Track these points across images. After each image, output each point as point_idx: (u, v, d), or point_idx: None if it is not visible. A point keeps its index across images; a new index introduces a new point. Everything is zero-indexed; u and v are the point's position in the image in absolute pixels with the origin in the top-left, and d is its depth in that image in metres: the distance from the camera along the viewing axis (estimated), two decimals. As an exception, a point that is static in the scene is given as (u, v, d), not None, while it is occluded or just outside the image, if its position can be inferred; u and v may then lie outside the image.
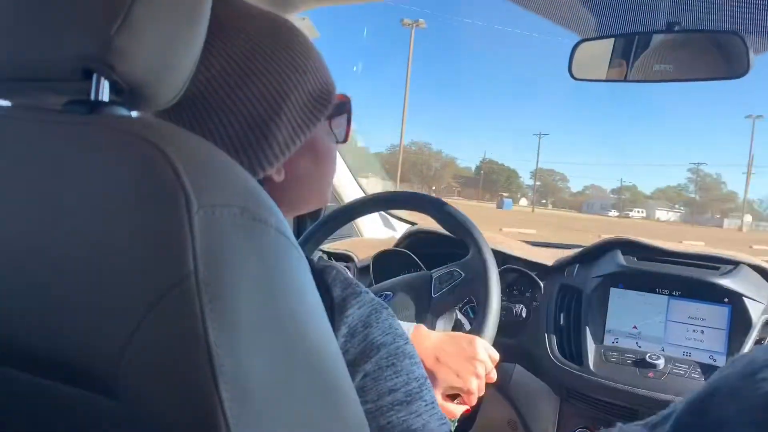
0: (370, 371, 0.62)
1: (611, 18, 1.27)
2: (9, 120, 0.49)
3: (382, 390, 0.61)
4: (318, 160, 0.72)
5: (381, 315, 0.64)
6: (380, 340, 0.62)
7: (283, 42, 0.66)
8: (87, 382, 0.42)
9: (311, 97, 0.68)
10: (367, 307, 0.63)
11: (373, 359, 0.62)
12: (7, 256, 0.44)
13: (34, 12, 0.48)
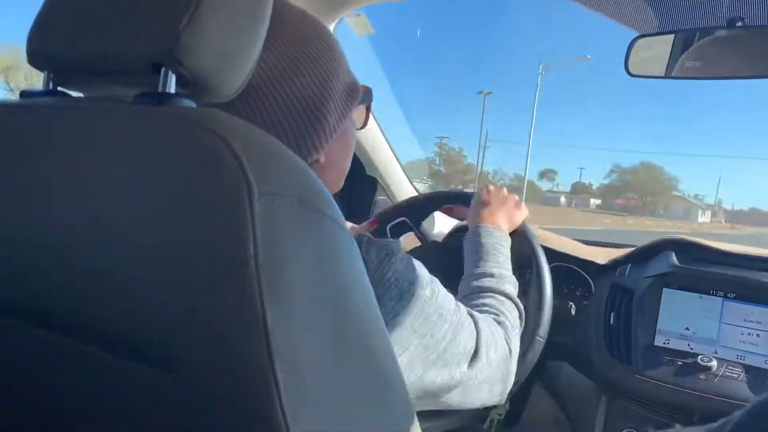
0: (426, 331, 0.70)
1: (670, 13, 1.25)
2: (82, 111, 0.52)
3: (439, 339, 0.71)
4: (347, 145, 0.79)
5: (416, 268, 0.70)
6: (423, 294, 0.69)
7: (323, 36, 0.71)
8: (146, 356, 0.44)
9: (347, 86, 0.74)
10: (403, 264, 0.68)
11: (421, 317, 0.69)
12: (77, 236, 0.47)
13: (107, 9, 0.51)
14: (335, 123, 0.71)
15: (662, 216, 58.65)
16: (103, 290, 0.45)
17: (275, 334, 0.39)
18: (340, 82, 0.72)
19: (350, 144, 0.79)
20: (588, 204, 62.48)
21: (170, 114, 0.46)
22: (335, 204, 0.47)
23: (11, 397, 0.56)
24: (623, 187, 72.18)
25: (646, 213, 61.49)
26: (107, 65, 0.51)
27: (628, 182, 72.43)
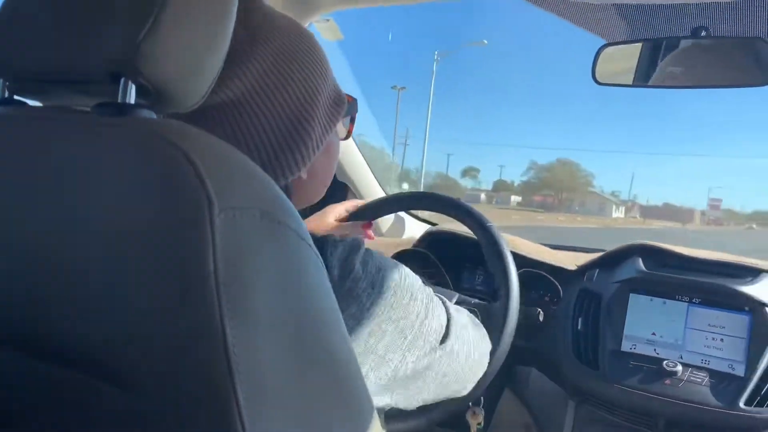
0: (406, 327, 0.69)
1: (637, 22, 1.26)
2: (39, 120, 0.51)
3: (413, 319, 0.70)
4: (331, 157, 0.77)
5: (402, 273, 0.70)
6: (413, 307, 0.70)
7: (309, 48, 0.69)
8: (104, 374, 0.43)
9: (331, 99, 0.72)
10: (368, 253, 0.68)
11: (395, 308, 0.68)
12: (33, 251, 0.46)
13: (66, 17, 0.49)
14: (319, 138, 0.70)
15: (578, 212, 59.44)
16: (62, 306, 0.44)
17: (235, 350, 0.39)
18: (325, 95, 0.70)
19: (334, 156, 0.78)
20: (509, 201, 62.98)
21: (129, 125, 0.45)
22: (299, 216, 0.46)
23: None
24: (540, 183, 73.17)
25: (562, 209, 62.27)
26: (66, 74, 0.50)
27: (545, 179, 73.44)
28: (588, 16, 1.28)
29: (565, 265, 1.43)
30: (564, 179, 70.17)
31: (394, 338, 0.67)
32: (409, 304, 0.69)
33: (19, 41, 0.52)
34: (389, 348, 0.67)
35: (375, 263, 0.66)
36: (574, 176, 72.78)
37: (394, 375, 0.69)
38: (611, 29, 1.31)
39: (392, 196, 1.36)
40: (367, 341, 0.65)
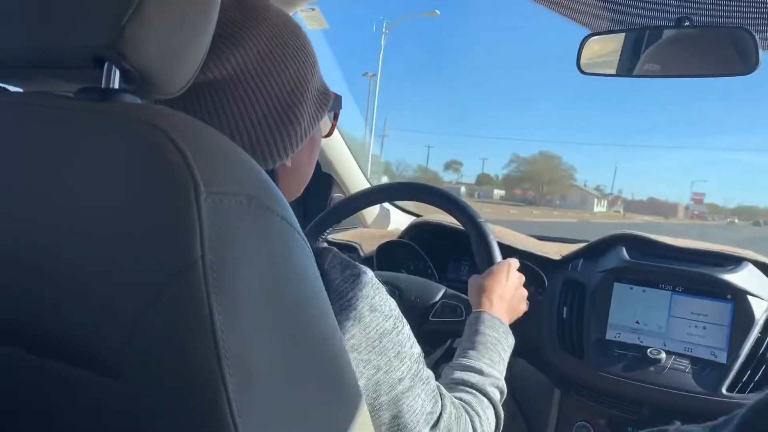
0: (382, 365, 0.64)
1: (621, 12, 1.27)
2: (22, 106, 0.50)
3: (393, 380, 0.65)
4: (312, 152, 0.76)
5: (382, 297, 0.66)
6: (383, 326, 0.65)
7: (300, 38, 0.69)
8: (93, 363, 0.43)
9: (319, 91, 0.71)
10: (369, 288, 0.64)
11: (378, 348, 0.64)
12: (18, 238, 0.45)
13: (48, 1, 0.49)
14: (307, 127, 0.69)
15: (558, 206, 58.34)
16: (47, 295, 0.44)
17: (224, 336, 0.38)
18: (313, 86, 0.69)
19: (315, 151, 0.77)
20: (491, 195, 61.81)
21: (113, 110, 0.44)
22: (286, 202, 0.46)
23: None
24: (521, 177, 72.28)
25: (542, 203, 61.28)
26: (47, 59, 0.49)
27: (525, 172, 72.59)
28: (572, 6, 1.28)
29: (550, 255, 1.44)
30: (545, 172, 69.51)
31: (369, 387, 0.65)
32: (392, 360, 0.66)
33: (0, 27, 0.51)
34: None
35: (369, 302, 0.65)
36: (556, 170, 72.19)
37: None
38: (595, 19, 1.32)
39: (379, 186, 1.36)
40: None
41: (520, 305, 1.06)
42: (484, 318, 0.95)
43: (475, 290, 1.02)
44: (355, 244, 1.60)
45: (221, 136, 0.45)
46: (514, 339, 0.97)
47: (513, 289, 1.04)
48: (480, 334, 0.91)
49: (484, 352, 0.89)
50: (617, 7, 1.24)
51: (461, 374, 0.84)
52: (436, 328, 1.10)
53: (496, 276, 1.03)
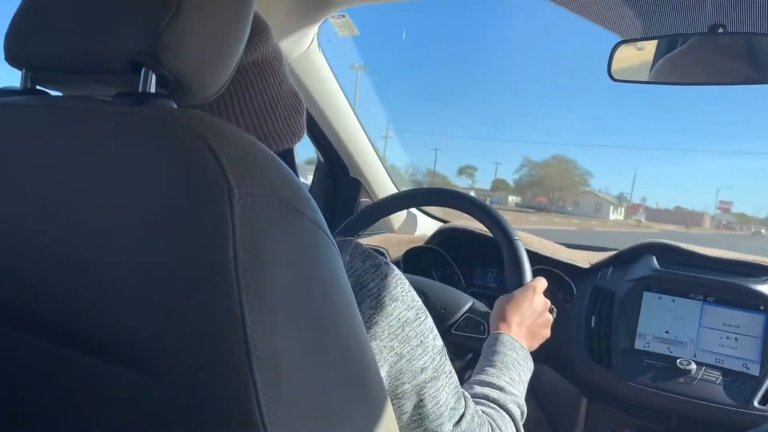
0: (404, 353, 0.64)
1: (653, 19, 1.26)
2: (61, 109, 0.52)
3: (416, 369, 0.65)
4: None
5: (404, 287, 0.66)
6: (405, 315, 0.65)
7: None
8: (126, 360, 0.44)
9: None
10: (391, 278, 0.65)
11: (401, 336, 0.64)
12: (55, 237, 0.46)
13: (88, 7, 0.50)
14: (305, 114, 0.73)
15: (570, 213, 55.59)
16: (84, 294, 0.45)
17: (254, 335, 0.39)
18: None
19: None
20: (506, 201, 59.23)
21: (150, 114, 0.45)
22: (315, 205, 0.47)
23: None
24: (531, 182, 69.36)
25: (553, 209, 58.74)
26: (86, 64, 0.50)
27: (536, 177, 69.51)
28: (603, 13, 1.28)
29: (579, 263, 1.43)
30: (556, 177, 66.80)
31: (392, 375, 0.65)
32: (416, 349, 0.67)
33: (40, 32, 0.52)
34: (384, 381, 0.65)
35: (391, 291, 0.65)
36: (569, 174, 69.36)
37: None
38: (627, 26, 1.31)
39: (406, 191, 1.36)
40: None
41: (542, 331, 1.04)
42: (504, 339, 0.94)
43: (498, 312, 1.01)
44: (382, 248, 1.61)
45: (254, 140, 0.46)
46: (533, 364, 0.96)
47: (535, 315, 1.02)
48: (500, 354, 0.91)
49: (504, 370, 0.88)
50: (649, 13, 1.23)
51: (482, 389, 0.84)
52: (457, 341, 1.10)
53: (518, 302, 1.02)
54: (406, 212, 1.90)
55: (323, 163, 1.78)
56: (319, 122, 1.57)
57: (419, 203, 1.61)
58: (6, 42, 0.54)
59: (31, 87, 0.55)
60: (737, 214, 65.67)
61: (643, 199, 70.43)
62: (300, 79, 1.42)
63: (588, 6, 1.25)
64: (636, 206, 67.71)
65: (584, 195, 63.02)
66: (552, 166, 70.91)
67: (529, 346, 0.99)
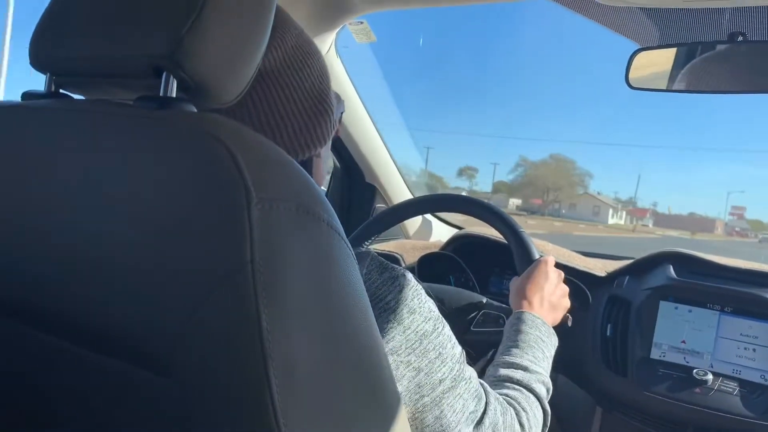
0: (423, 366, 0.64)
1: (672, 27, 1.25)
2: (83, 113, 0.53)
3: (435, 382, 0.65)
4: (328, 150, 0.78)
5: (421, 298, 0.66)
6: (423, 328, 0.65)
7: (311, 41, 0.72)
8: (143, 359, 0.44)
9: (333, 90, 0.74)
10: (408, 290, 0.64)
11: (419, 350, 0.64)
12: (75, 236, 0.47)
13: (111, 13, 0.51)
14: (334, 118, 0.72)
15: (565, 216, 52.32)
16: (102, 293, 0.45)
17: (269, 337, 0.40)
18: (329, 82, 0.72)
19: (329, 152, 0.79)
20: (506, 204, 54.56)
21: (171, 118, 0.46)
22: (332, 209, 0.47)
23: (5, 398, 0.56)
24: (524, 183, 65.54)
25: (548, 212, 55.29)
26: (108, 68, 0.51)
27: (531, 177, 65.26)
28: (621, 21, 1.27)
29: (595, 271, 1.42)
30: (550, 178, 61.82)
31: (411, 389, 0.65)
32: (434, 362, 0.67)
33: (64, 37, 0.54)
34: (403, 397, 0.65)
35: (408, 304, 0.65)
36: (567, 175, 64.07)
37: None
38: (645, 34, 1.30)
39: (420, 197, 1.37)
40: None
41: (562, 301, 1.05)
42: (526, 317, 0.94)
43: (515, 293, 1.03)
44: (396, 254, 1.61)
45: (272, 145, 0.46)
46: (557, 339, 0.97)
47: (553, 287, 1.04)
48: (522, 333, 0.91)
49: (527, 349, 0.88)
50: (668, 21, 1.23)
51: (505, 371, 0.84)
52: (477, 338, 1.10)
53: (534, 277, 1.03)
54: (421, 218, 1.90)
55: (339, 169, 1.78)
56: (336, 128, 1.57)
57: (434, 209, 1.62)
58: (31, 45, 0.56)
59: (55, 90, 0.57)
60: (752, 221, 60.63)
61: (654, 204, 66.61)
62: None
63: (606, 13, 1.24)
64: (642, 210, 63.01)
65: (582, 198, 58.73)
66: (548, 166, 66.41)
67: (552, 318, 1.01)
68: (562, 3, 1.21)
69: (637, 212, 60.12)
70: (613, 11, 1.20)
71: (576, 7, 1.21)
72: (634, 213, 59.24)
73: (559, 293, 1.04)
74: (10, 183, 0.52)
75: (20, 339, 0.53)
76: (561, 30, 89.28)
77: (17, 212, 0.50)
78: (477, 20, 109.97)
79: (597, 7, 1.14)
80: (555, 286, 1.04)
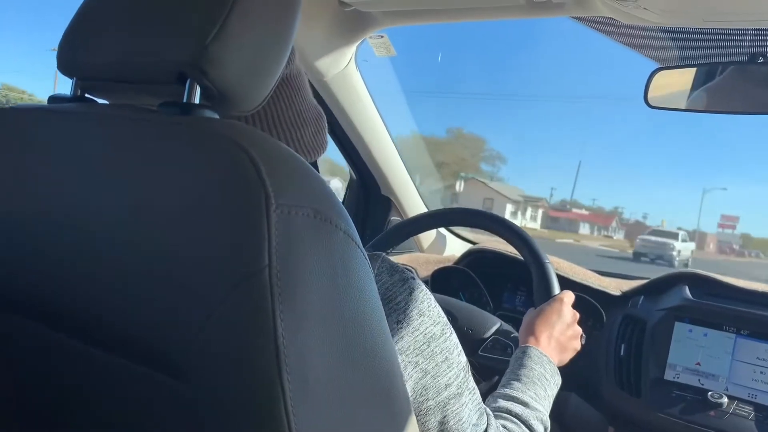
0: (429, 369, 0.65)
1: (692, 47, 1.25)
2: (107, 117, 0.54)
3: (440, 386, 0.65)
4: None
5: (430, 302, 0.66)
6: (432, 330, 0.65)
7: None
8: (158, 361, 0.45)
9: None
10: (417, 293, 0.65)
11: (426, 352, 0.64)
12: (95, 237, 0.48)
13: (138, 20, 0.52)
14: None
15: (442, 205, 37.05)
16: (120, 295, 0.46)
17: (285, 342, 0.40)
18: None
19: None
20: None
21: (193, 123, 0.47)
22: (349, 218, 0.47)
23: (23, 398, 0.57)
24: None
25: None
26: (134, 74, 0.52)
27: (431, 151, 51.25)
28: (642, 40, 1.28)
29: (610, 290, 1.41)
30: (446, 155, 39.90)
31: (417, 390, 0.66)
32: (441, 365, 0.67)
33: (92, 43, 0.55)
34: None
35: (418, 306, 0.65)
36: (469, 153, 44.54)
37: None
38: (664, 53, 1.30)
39: (435, 211, 1.37)
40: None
41: (572, 343, 1.03)
42: (532, 353, 0.93)
43: (525, 326, 1.01)
44: (410, 267, 1.61)
45: (293, 152, 0.47)
46: (560, 379, 0.95)
47: (565, 327, 1.01)
48: (526, 368, 0.90)
49: (529, 385, 0.87)
50: (688, 41, 1.23)
51: (505, 403, 0.83)
52: (484, 363, 1.09)
53: (547, 314, 1.01)
54: (435, 232, 1.91)
55: (355, 180, 1.79)
56: (353, 140, 1.58)
57: (448, 223, 1.61)
58: (59, 51, 0.57)
59: (80, 95, 0.58)
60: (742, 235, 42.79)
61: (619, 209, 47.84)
62: (336, 97, 1.44)
63: (626, 32, 1.25)
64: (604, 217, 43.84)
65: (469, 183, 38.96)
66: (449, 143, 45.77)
67: (559, 359, 0.98)
68: (582, 21, 1.21)
69: (598, 219, 42.91)
70: (633, 30, 1.21)
71: (595, 25, 1.22)
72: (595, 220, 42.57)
73: (570, 334, 1.02)
74: (35, 184, 0.53)
75: (38, 339, 0.54)
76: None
77: (42, 213, 0.51)
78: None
79: (617, 25, 1.14)
80: (567, 326, 1.02)
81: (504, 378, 0.90)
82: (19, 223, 0.52)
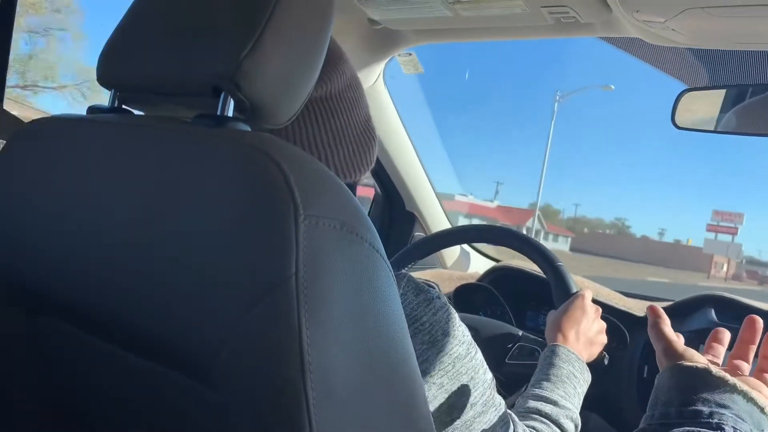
0: (455, 390, 0.65)
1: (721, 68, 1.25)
2: (144, 128, 0.55)
3: (466, 405, 0.66)
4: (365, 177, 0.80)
5: (455, 322, 0.66)
6: (457, 351, 0.65)
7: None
8: (185, 366, 0.46)
9: None
10: (443, 313, 0.65)
11: (452, 373, 0.65)
12: (127, 244, 0.49)
13: (176, 35, 0.54)
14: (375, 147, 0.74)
15: None
16: (152, 301, 0.47)
17: (309, 350, 0.41)
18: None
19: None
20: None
21: (226, 136, 0.48)
22: (374, 230, 0.48)
23: (56, 399, 0.58)
24: None
25: None
26: (171, 86, 0.54)
27: None
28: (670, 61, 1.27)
29: (634, 312, 1.40)
30: None
31: (442, 411, 0.66)
32: (467, 385, 0.67)
33: (130, 56, 0.57)
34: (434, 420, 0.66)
35: (443, 326, 0.66)
36: None
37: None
38: (693, 74, 1.30)
39: (459, 227, 1.37)
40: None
41: (599, 337, 1.03)
42: (560, 351, 0.93)
43: (551, 326, 1.01)
44: (432, 283, 1.61)
45: (322, 165, 0.48)
46: (590, 375, 0.95)
47: (590, 322, 1.02)
48: (555, 367, 0.91)
49: (558, 384, 0.88)
50: (717, 63, 1.22)
51: (535, 403, 0.84)
52: (512, 370, 1.09)
53: (571, 311, 1.02)
54: (459, 249, 1.91)
55: (380, 195, 1.80)
56: (379, 156, 1.60)
57: (471, 239, 1.61)
58: (99, 64, 0.59)
59: (118, 106, 0.60)
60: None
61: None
62: (363, 113, 1.45)
63: (653, 53, 1.25)
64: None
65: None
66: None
67: (588, 354, 0.99)
68: (610, 42, 1.22)
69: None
70: (660, 51, 1.21)
71: (624, 45, 1.22)
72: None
73: (595, 328, 1.03)
74: (73, 192, 0.54)
75: (68, 339, 0.55)
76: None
77: (79, 220, 0.53)
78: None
79: (644, 46, 1.14)
80: (592, 321, 1.03)
81: (533, 378, 0.91)
82: (57, 228, 0.54)
